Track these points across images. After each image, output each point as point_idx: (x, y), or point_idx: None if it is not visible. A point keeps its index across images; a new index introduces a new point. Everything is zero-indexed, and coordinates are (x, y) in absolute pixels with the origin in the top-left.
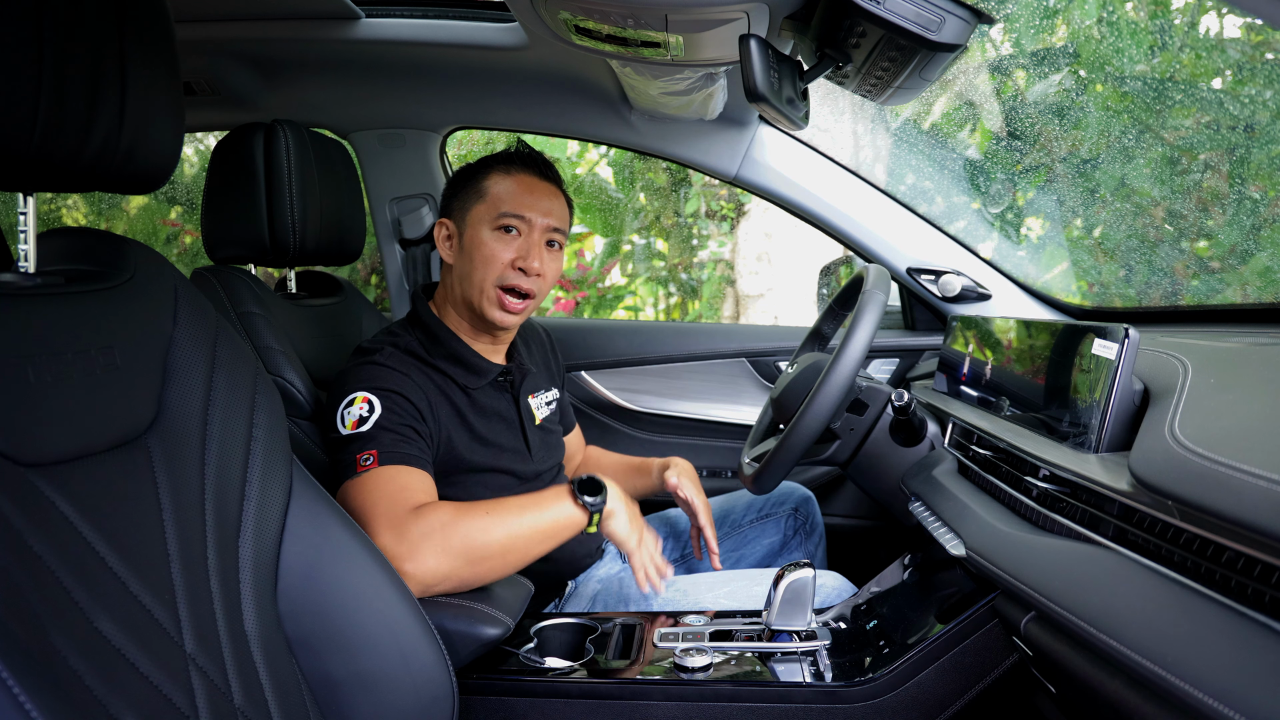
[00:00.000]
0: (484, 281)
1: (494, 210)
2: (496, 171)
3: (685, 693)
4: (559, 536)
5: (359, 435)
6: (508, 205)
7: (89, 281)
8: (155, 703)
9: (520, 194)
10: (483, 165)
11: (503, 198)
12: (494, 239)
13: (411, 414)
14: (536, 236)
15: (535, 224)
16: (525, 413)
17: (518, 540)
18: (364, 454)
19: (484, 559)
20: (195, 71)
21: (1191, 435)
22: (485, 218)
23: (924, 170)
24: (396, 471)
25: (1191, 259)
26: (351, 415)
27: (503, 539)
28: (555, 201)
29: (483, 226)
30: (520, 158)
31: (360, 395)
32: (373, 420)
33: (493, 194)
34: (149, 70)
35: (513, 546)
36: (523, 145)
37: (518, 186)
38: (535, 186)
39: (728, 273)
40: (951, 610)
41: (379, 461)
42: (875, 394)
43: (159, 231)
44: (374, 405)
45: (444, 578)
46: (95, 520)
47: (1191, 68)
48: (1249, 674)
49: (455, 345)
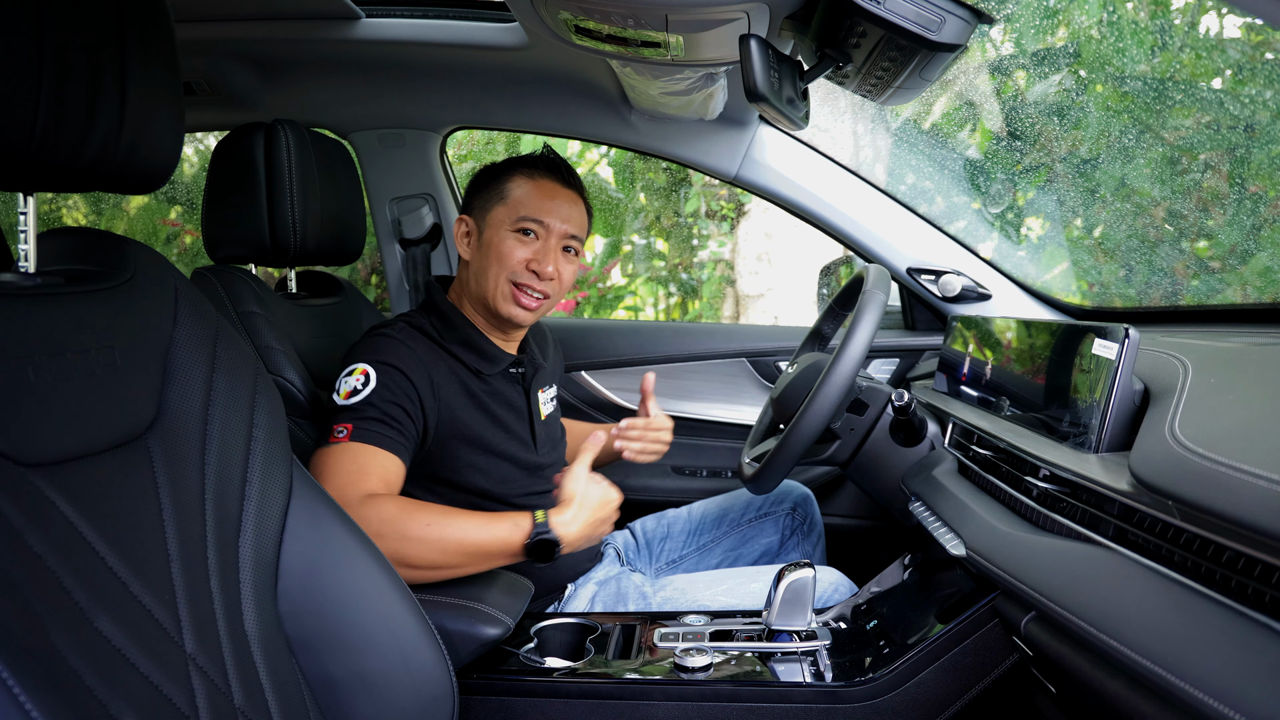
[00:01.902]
0: (497, 278)
1: (514, 213)
2: (520, 175)
3: (685, 693)
4: (493, 564)
5: (346, 407)
6: (527, 209)
7: (89, 281)
8: (155, 703)
9: (541, 199)
10: (507, 167)
11: (523, 201)
12: (511, 240)
13: (406, 392)
14: (554, 242)
15: (553, 229)
16: (534, 406)
17: (450, 556)
18: (340, 425)
19: (411, 565)
20: (195, 71)
21: (1191, 435)
22: (505, 219)
23: (924, 170)
24: (362, 450)
25: (1191, 259)
26: (347, 385)
27: (436, 553)
28: (575, 208)
29: (502, 227)
30: (544, 163)
31: (360, 367)
32: (363, 395)
33: (514, 197)
34: (149, 70)
35: (444, 562)
36: (548, 150)
37: (539, 191)
38: (557, 193)
39: (728, 273)
40: (951, 610)
41: (350, 437)
42: (875, 394)
43: (159, 231)
44: (370, 379)
45: None
46: (95, 520)
47: (1191, 68)
48: (1249, 674)
49: (469, 331)
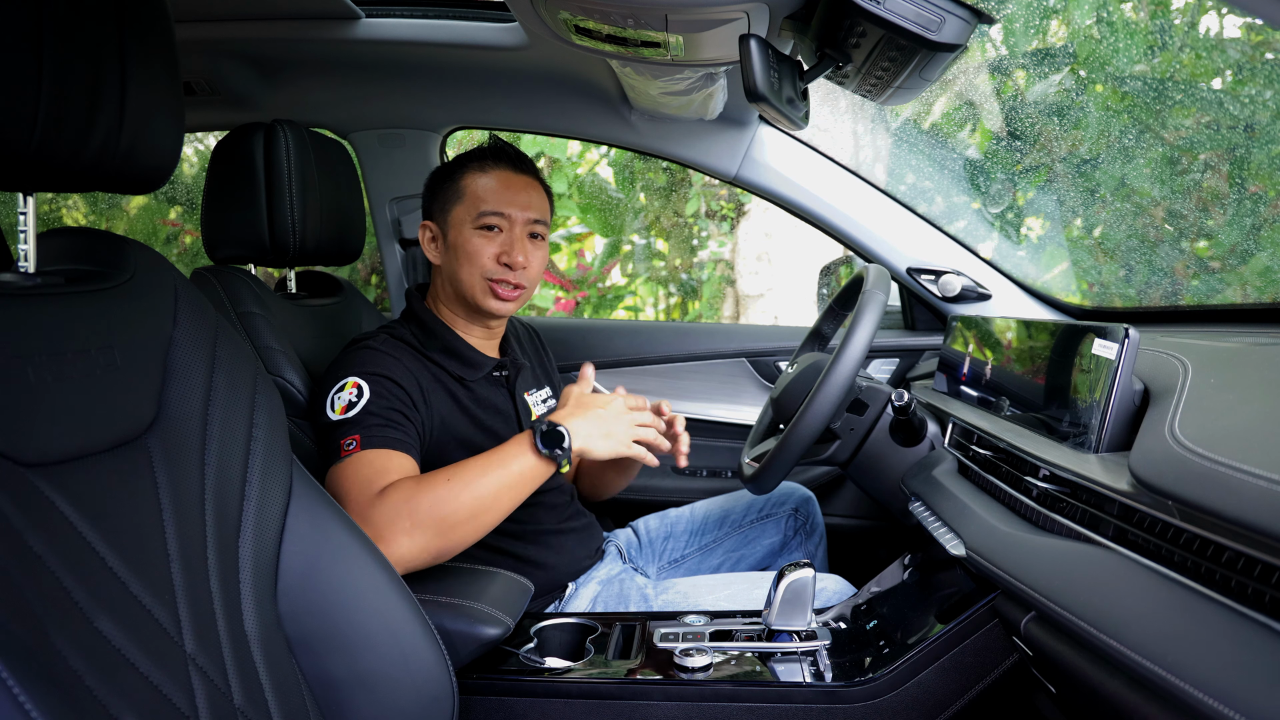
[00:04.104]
0: (471, 277)
1: (474, 209)
2: (472, 170)
3: (685, 693)
4: (527, 487)
5: (346, 420)
6: (487, 204)
7: (89, 281)
8: (155, 703)
9: (499, 190)
10: (458, 164)
11: (481, 196)
12: (477, 237)
13: (400, 399)
14: (519, 231)
15: (516, 219)
16: (522, 408)
17: (483, 500)
18: (348, 439)
19: (454, 526)
20: (195, 71)
21: (1191, 435)
22: (466, 218)
23: (924, 170)
24: (376, 455)
25: (1191, 259)
26: (341, 400)
27: (469, 503)
28: (534, 194)
29: (465, 226)
30: (494, 153)
31: (350, 380)
32: (361, 405)
33: (471, 193)
34: (149, 70)
35: (480, 508)
36: (495, 140)
37: (495, 183)
38: (512, 181)
39: (728, 273)
40: (951, 610)
41: (361, 446)
42: (875, 394)
43: (159, 231)
44: (363, 390)
45: (419, 553)
46: (95, 520)
47: (1191, 68)
48: (1249, 674)
49: (449, 338)
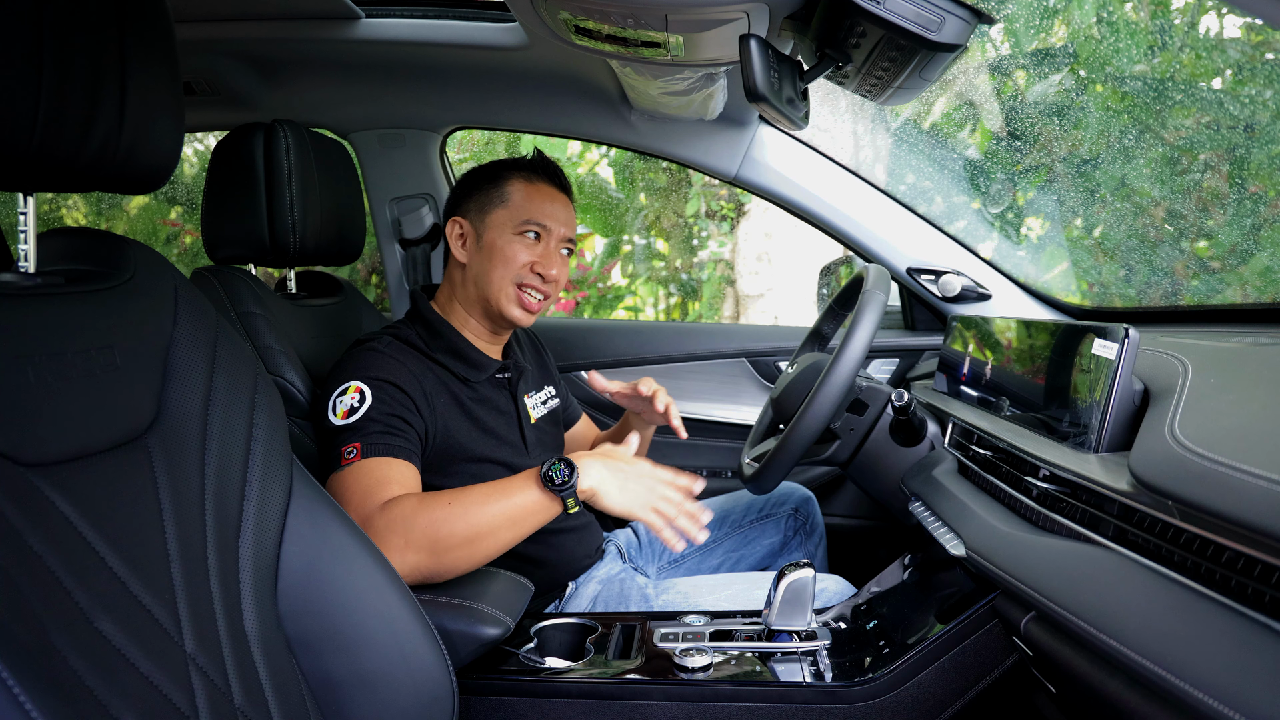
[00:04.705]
0: (503, 280)
1: (518, 216)
2: (519, 178)
3: (685, 693)
4: (529, 523)
5: (348, 426)
6: (531, 213)
7: (89, 281)
8: (155, 703)
9: (543, 203)
10: (503, 169)
11: (526, 205)
12: (516, 242)
13: (403, 404)
14: (554, 244)
15: (554, 232)
16: (522, 410)
17: (481, 528)
18: (349, 446)
19: (449, 549)
20: (195, 71)
21: (1191, 435)
22: (508, 222)
23: (924, 170)
24: (377, 464)
25: (1191, 259)
26: (343, 405)
27: (466, 529)
28: (569, 212)
29: (505, 230)
30: (540, 166)
31: (353, 385)
32: (362, 411)
33: (515, 200)
34: (149, 70)
35: (477, 535)
36: (540, 155)
37: (540, 195)
38: (555, 196)
39: (728, 273)
40: (951, 610)
41: (362, 454)
42: (875, 394)
43: (159, 231)
44: (365, 395)
45: (410, 571)
46: (95, 520)
47: (1191, 68)
48: (1249, 674)
49: (455, 340)
